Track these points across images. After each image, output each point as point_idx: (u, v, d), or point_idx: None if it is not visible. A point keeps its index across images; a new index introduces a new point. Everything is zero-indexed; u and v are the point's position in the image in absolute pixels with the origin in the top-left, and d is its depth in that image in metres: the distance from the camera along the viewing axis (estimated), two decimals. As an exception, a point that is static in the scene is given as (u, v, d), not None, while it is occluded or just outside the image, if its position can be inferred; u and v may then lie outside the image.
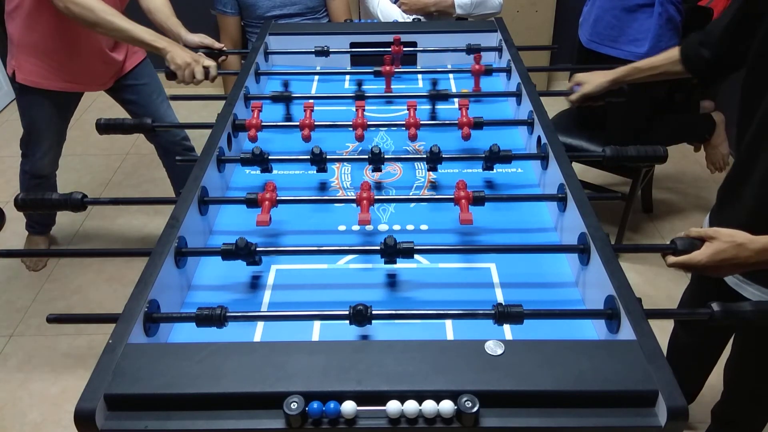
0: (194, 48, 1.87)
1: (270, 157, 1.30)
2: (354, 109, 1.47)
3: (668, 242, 1.09)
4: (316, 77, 1.83)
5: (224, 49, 1.90)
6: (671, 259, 1.08)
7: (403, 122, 1.43)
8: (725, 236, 1.05)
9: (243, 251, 1.03)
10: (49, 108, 2.22)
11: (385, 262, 1.06)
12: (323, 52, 1.82)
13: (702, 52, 1.38)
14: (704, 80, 1.42)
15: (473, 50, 1.80)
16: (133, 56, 2.31)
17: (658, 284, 2.43)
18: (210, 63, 1.77)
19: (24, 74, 2.13)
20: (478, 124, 1.43)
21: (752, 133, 1.25)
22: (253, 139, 1.43)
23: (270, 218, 1.14)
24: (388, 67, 1.67)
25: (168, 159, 2.48)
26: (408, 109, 1.46)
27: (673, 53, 1.47)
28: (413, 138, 1.41)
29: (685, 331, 1.71)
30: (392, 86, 1.70)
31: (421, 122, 1.43)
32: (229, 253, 1.04)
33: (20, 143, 2.35)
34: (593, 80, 1.59)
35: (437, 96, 1.57)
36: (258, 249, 1.05)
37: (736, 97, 1.32)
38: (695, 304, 1.59)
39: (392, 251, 1.03)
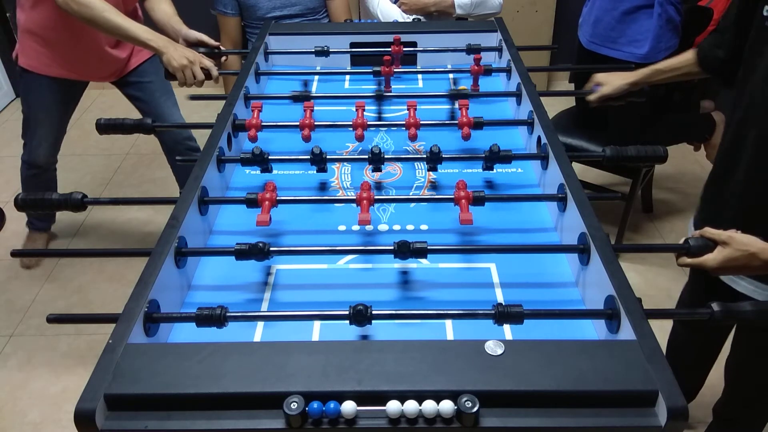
0: (193, 44, 1.87)
1: (270, 157, 1.30)
2: (354, 108, 1.48)
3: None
4: (316, 77, 1.83)
5: (220, 47, 1.90)
6: (684, 260, 1.08)
7: (403, 122, 1.43)
8: (739, 244, 1.04)
9: (255, 251, 1.03)
10: (48, 94, 2.24)
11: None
12: (323, 52, 1.82)
13: (717, 53, 1.38)
14: (724, 82, 1.41)
15: (473, 50, 1.80)
16: (138, 54, 2.32)
17: (658, 284, 2.42)
18: (209, 63, 1.77)
19: (26, 58, 2.17)
20: (478, 124, 1.43)
21: (732, 133, 1.26)
22: (253, 139, 1.43)
23: (270, 218, 1.14)
24: (387, 68, 1.67)
25: (172, 157, 2.50)
26: (408, 109, 1.46)
27: (692, 55, 1.46)
28: (413, 138, 1.41)
29: (684, 329, 1.72)
30: (391, 86, 1.70)
31: (421, 122, 1.43)
32: (242, 254, 1.04)
33: (21, 133, 2.37)
34: (613, 82, 1.57)
35: (457, 95, 1.55)
36: (272, 249, 1.05)
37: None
38: (694, 300, 1.60)
39: (406, 251, 1.03)
